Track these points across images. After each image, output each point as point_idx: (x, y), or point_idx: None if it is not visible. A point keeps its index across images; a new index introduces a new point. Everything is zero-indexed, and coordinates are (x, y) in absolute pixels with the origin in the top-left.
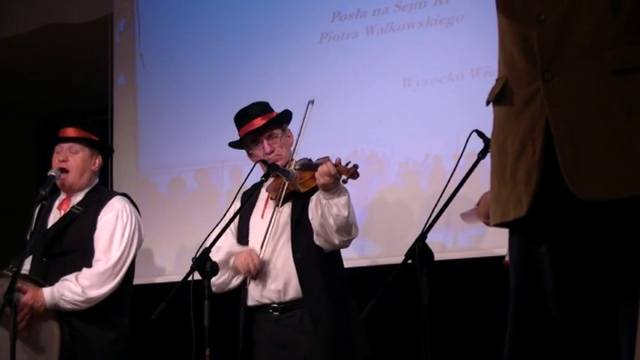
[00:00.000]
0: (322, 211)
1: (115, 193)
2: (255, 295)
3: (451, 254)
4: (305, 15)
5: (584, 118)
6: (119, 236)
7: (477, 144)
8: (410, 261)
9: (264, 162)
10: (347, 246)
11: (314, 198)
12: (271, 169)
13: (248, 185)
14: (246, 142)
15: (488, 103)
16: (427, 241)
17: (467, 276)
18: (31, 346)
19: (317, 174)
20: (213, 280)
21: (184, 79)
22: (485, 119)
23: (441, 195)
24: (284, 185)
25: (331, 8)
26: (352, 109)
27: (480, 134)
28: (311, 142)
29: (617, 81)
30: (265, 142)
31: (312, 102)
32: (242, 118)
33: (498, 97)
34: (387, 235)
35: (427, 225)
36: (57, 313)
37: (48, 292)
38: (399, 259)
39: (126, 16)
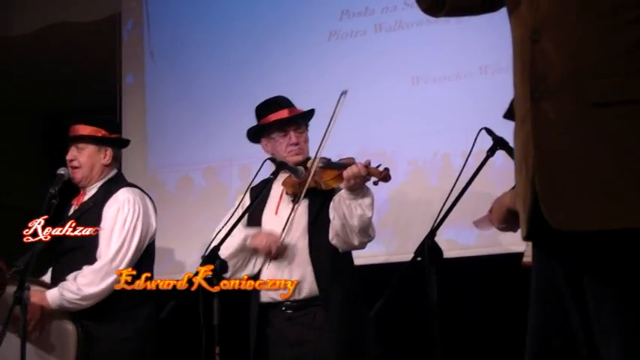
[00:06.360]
0: (345, 211)
1: (123, 185)
2: (269, 292)
3: (461, 252)
4: (313, 13)
5: (563, 146)
6: (118, 230)
7: (486, 142)
8: (419, 258)
9: (272, 160)
10: (363, 247)
11: (336, 198)
12: (280, 167)
13: (256, 181)
14: (269, 129)
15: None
16: (437, 238)
17: (478, 273)
18: (45, 348)
19: (346, 175)
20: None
21: (192, 78)
22: (494, 117)
23: (450, 193)
24: (305, 182)
25: (340, 6)
26: (361, 107)
27: (489, 132)
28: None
29: (597, 113)
30: (292, 133)
31: (344, 93)
32: (269, 106)
33: (509, 114)
34: (396, 233)
35: (436, 222)
36: (70, 312)
37: (51, 294)
38: (408, 256)
39: (134, 15)
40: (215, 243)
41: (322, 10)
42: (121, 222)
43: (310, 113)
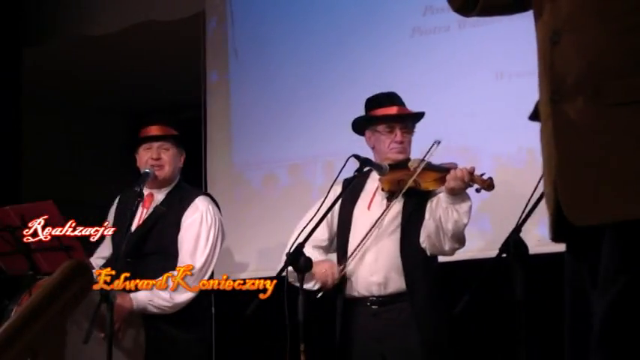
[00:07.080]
0: (441, 215)
1: (198, 193)
2: (355, 286)
3: (547, 247)
4: (396, 9)
5: (584, 145)
6: (204, 240)
7: None
8: (504, 255)
9: (356, 157)
10: (452, 254)
11: (434, 200)
12: (364, 164)
13: (340, 179)
14: (376, 123)
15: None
16: (526, 235)
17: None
18: (118, 347)
19: (449, 177)
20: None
21: (275, 75)
22: None
23: (535, 188)
24: (405, 181)
25: (423, 2)
26: (444, 103)
27: None
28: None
29: (613, 112)
30: (399, 131)
31: (438, 142)
32: (381, 100)
33: (535, 116)
34: (481, 230)
35: (521, 219)
36: (143, 315)
37: (137, 296)
38: (493, 253)
39: (217, 13)
40: (300, 239)
41: (405, 6)
42: (205, 232)
43: (419, 115)
